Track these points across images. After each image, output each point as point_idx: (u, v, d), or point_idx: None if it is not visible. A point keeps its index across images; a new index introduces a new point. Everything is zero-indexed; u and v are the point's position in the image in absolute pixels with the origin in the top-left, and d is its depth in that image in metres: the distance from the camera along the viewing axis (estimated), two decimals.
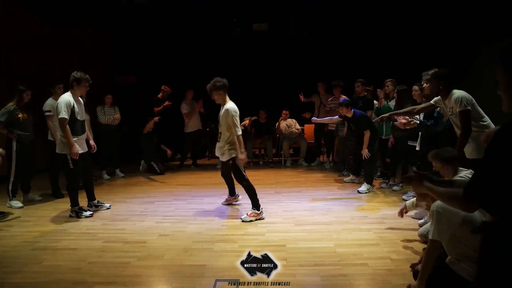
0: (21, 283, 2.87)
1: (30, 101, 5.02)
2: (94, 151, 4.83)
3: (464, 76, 6.25)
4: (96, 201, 4.74)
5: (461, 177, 2.99)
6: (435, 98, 3.88)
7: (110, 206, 4.81)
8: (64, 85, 5.39)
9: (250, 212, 4.25)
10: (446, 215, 2.35)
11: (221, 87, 4.31)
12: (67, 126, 4.23)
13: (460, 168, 3.12)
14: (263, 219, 4.24)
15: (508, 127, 1.20)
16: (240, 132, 4.25)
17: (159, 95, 7.36)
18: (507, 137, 1.18)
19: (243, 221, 4.18)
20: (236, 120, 4.24)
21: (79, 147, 4.36)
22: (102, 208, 4.73)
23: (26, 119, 4.92)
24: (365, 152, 5.42)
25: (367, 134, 5.44)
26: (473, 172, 3.11)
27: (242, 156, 4.26)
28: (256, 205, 4.28)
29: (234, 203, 4.90)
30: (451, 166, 3.03)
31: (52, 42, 7.44)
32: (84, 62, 8.08)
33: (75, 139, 4.31)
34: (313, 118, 6.48)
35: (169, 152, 7.36)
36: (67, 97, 4.32)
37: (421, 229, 3.49)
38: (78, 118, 4.39)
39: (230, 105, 4.32)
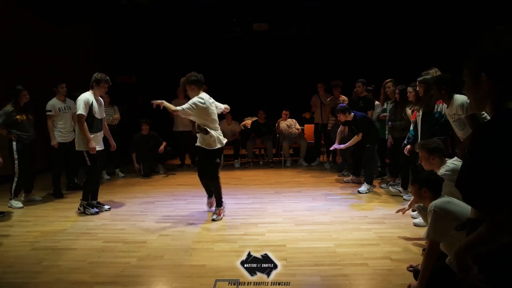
0: (21, 283, 2.86)
1: (30, 101, 5.02)
2: (114, 149, 5.05)
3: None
4: (95, 202, 4.73)
5: (448, 165, 3.08)
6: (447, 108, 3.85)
7: (109, 208, 4.78)
8: (66, 84, 5.44)
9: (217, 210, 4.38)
10: (443, 215, 2.36)
11: (194, 81, 4.22)
12: (85, 123, 4.37)
13: (446, 158, 3.24)
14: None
15: (494, 121, 1.21)
16: (177, 108, 4.09)
17: None
18: (490, 132, 1.19)
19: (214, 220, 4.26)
20: (191, 103, 4.09)
21: (96, 144, 4.48)
22: (101, 209, 4.70)
23: (25, 120, 4.91)
24: (341, 146, 5.73)
25: (357, 137, 5.49)
26: (458, 159, 3.18)
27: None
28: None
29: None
30: (436, 157, 3.13)
31: (52, 42, 7.44)
32: (84, 62, 8.09)
33: (92, 136, 4.42)
34: (333, 146, 6.07)
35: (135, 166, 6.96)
36: (87, 96, 4.45)
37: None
38: (96, 116, 4.53)
39: (199, 95, 4.20)
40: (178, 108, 4.10)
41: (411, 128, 4.74)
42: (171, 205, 4.95)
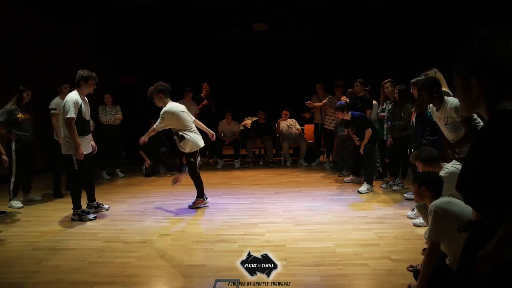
0: (21, 283, 2.87)
1: (31, 101, 5.01)
2: (95, 151, 4.75)
3: None
4: (95, 203, 4.69)
5: (447, 168, 3.08)
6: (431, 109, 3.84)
7: (109, 207, 4.77)
8: (70, 84, 5.41)
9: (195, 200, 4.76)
10: (444, 215, 2.36)
11: (161, 90, 4.51)
12: (74, 126, 4.14)
13: (443, 163, 3.25)
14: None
15: (491, 123, 1.21)
16: (155, 126, 4.56)
17: (202, 94, 7.51)
18: (491, 134, 1.19)
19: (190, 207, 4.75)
20: (162, 117, 4.50)
21: (85, 148, 4.29)
22: (101, 210, 4.68)
23: (26, 119, 4.90)
24: (362, 148, 5.47)
25: (368, 132, 5.46)
26: (457, 162, 3.17)
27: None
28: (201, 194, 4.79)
29: (202, 205, 4.80)
30: (431, 166, 3.13)
31: (52, 42, 7.44)
32: (84, 62, 8.09)
33: (81, 139, 4.22)
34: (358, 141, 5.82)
35: (147, 162, 6.92)
36: (74, 96, 4.20)
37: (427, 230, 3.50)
38: (85, 118, 4.32)
39: (168, 105, 4.52)
40: (153, 127, 4.62)
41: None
42: (171, 205, 4.95)
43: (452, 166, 3.12)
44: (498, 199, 1.16)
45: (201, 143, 4.68)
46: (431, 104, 4.10)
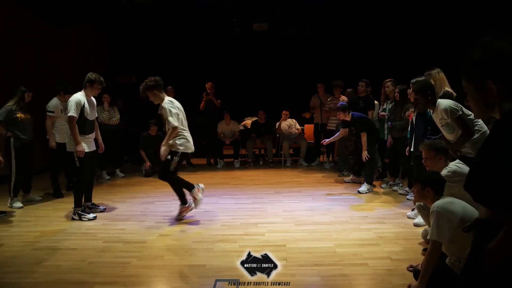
0: (21, 283, 2.86)
1: (30, 101, 5.01)
2: (102, 151, 4.81)
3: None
4: (90, 203, 4.66)
5: (450, 167, 3.08)
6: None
7: (104, 209, 4.73)
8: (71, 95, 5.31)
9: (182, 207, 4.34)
10: (446, 216, 2.36)
11: (153, 86, 4.22)
12: (75, 124, 4.25)
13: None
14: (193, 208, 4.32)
15: (502, 122, 1.21)
16: (175, 124, 4.05)
17: (209, 94, 7.61)
18: (502, 132, 1.20)
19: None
20: (170, 111, 4.11)
21: (86, 146, 4.36)
22: (96, 211, 4.63)
23: (26, 119, 4.89)
24: (364, 154, 5.40)
25: (364, 137, 5.44)
26: (460, 162, 3.17)
27: (162, 148, 4.16)
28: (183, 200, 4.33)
29: (187, 213, 4.36)
30: (443, 157, 3.13)
31: (52, 42, 7.44)
32: (84, 62, 8.10)
33: (82, 138, 4.30)
34: (323, 141, 6.18)
35: (147, 164, 6.92)
36: (79, 96, 4.33)
37: (424, 231, 3.50)
38: (88, 118, 4.41)
39: (166, 100, 4.25)
40: (172, 126, 4.06)
41: (409, 128, 4.73)
42: (171, 205, 4.94)
43: (454, 165, 3.11)
44: (508, 196, 1.16)
45: (187, 148, 4.33)
46: None
